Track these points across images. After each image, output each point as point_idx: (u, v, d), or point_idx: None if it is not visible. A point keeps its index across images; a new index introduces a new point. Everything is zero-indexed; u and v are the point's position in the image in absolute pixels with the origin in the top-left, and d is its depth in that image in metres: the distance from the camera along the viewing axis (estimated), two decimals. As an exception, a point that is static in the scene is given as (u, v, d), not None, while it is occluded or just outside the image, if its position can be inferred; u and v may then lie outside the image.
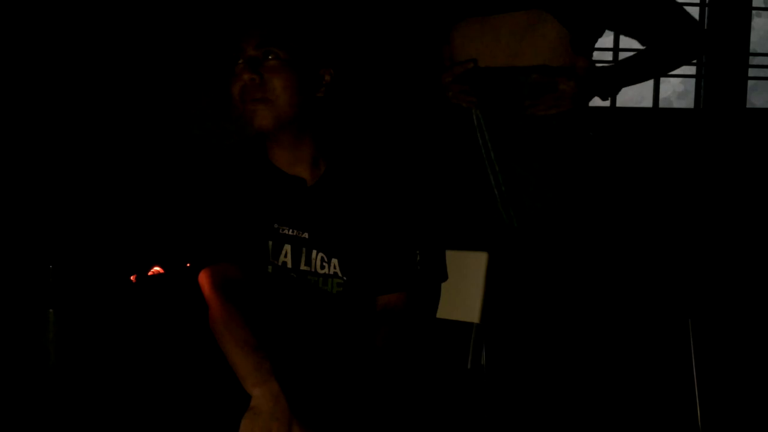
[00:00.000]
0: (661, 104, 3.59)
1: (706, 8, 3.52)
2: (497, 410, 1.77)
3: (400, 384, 1.45)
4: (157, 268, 2.46)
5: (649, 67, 1.93)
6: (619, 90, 1.96)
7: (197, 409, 1.40)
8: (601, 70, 1.88)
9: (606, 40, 3.40)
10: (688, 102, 3.68)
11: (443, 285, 1.64)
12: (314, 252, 1.54)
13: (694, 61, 3.53)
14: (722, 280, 3.32)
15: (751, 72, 3.61)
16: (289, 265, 1.53)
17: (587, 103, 1.92)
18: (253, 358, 1.35)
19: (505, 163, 1.91)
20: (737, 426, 2.46)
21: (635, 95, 2.76)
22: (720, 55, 3.52)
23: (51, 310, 1.97)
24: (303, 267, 1.54)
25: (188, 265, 1.55)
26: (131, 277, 2.45)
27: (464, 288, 1.77)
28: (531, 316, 2.01)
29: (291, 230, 1.54)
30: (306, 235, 1.54)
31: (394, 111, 2.37)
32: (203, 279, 1.51)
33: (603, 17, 1.85)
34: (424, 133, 2.12)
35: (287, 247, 1.54)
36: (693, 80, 3.61)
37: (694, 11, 3.57)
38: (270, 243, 1.53)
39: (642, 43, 1.91)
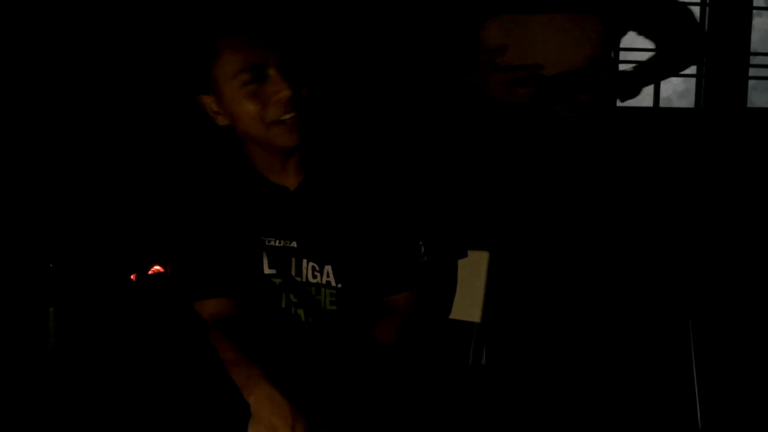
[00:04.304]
0: (662, 104, 3.59)
1: (707, 8, 3.51)
2: (498, 410, 1.77)
3: (406, 382, 1.45)
4: (157, 267, 2.45)
5: (658, 68, 2.08)
6: (639, 92, 2.04)
7: (198, 409, 1.40)
8: (622, 75, 2.00)
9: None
10: (688, 101, 3.68)
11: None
12: (304, 261, 1.49)
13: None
14: (722, 279, 3.32)
15: (752, 71, 3.61)
16: (280, 277, 1.50)
17: (606, 107, 2.02)
18: (242, 371, 1.36)
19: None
20: (737, 426, 2.46)
21: (635, 95, 2.78)
22: (721, 55, 3.52)
23: (51, 309, 1.96)
24: (295, 278, 1.50)
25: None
26: (131, 276, 2.45)
27: (465, 287, 1.77)
28: (532, 315, 2.01)
29: (277, 241, 1.49)
30: (294, 244, 1.49)
31: (385, 107, 2.37)
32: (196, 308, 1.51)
33: (630, 18, 1.98)
34: (419, 130, 2.12)
35: (276, 259, 1.49)
36: (694, 80, 3.61)
37: (695, 11, 3.57)
38: (261, 257, 1.49)
39: (655, 43, 2.05)
